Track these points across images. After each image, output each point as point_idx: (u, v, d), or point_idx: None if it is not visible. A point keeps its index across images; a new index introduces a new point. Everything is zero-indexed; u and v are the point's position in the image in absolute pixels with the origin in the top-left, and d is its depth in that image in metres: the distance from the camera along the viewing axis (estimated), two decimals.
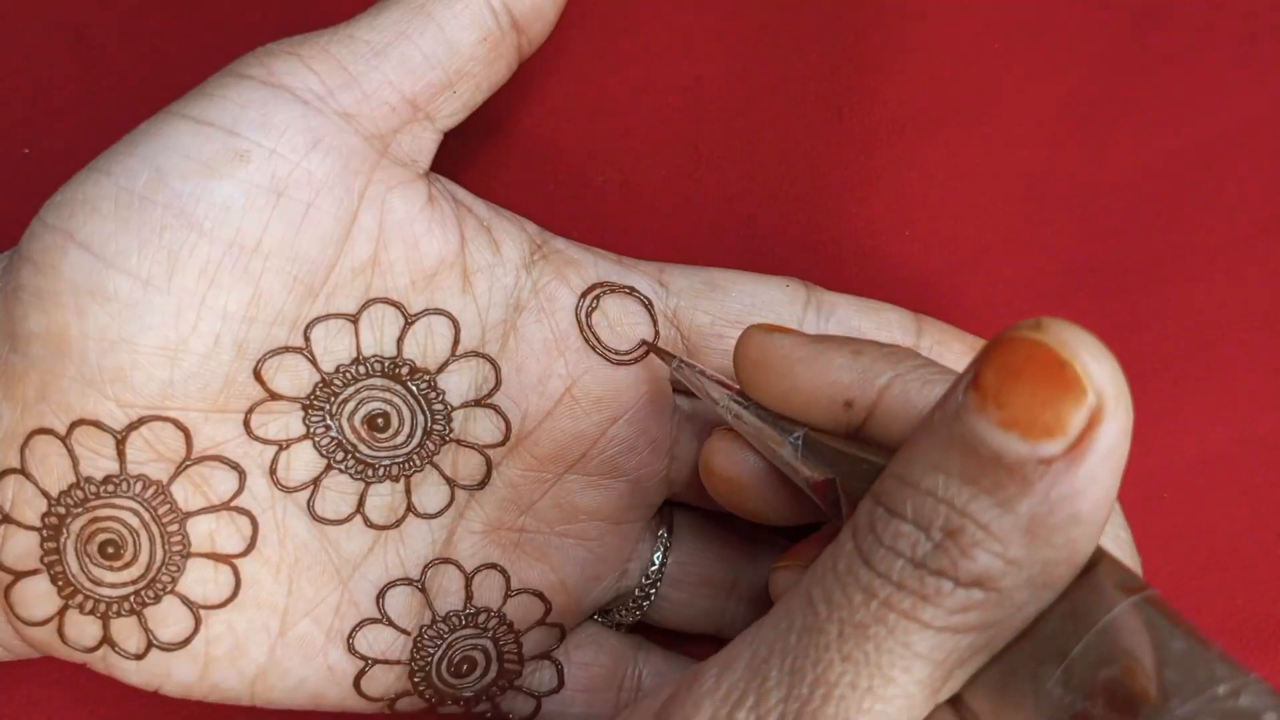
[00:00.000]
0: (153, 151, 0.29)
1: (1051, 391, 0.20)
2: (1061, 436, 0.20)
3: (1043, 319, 0.21)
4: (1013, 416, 0.20)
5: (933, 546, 0.22)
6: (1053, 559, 0.21)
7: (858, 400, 0.26)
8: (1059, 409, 0.20)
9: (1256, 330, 0.39)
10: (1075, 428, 0.20)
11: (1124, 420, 0.20)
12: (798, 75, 0.40)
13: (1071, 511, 0.21)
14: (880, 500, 0.23)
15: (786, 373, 0.28)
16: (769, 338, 0.28)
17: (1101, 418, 0.20)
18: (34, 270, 0.29)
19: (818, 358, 0.27)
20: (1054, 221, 0.40)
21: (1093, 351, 0.20)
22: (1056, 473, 0.20)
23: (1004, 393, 0.21)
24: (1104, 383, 0.20)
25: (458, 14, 0.31)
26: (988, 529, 0.21)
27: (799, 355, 0.27)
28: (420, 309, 0.32)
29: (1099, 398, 0.20)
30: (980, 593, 0.21)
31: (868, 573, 0.22)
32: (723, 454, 0.30)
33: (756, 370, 0.28)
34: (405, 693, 0.33)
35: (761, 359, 0.28)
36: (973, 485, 0.21)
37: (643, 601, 0.35)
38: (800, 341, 0.28)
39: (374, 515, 0.32)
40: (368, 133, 0.31)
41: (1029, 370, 0.20)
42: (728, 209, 0.39)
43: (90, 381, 0.29)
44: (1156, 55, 0.40)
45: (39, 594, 0.29)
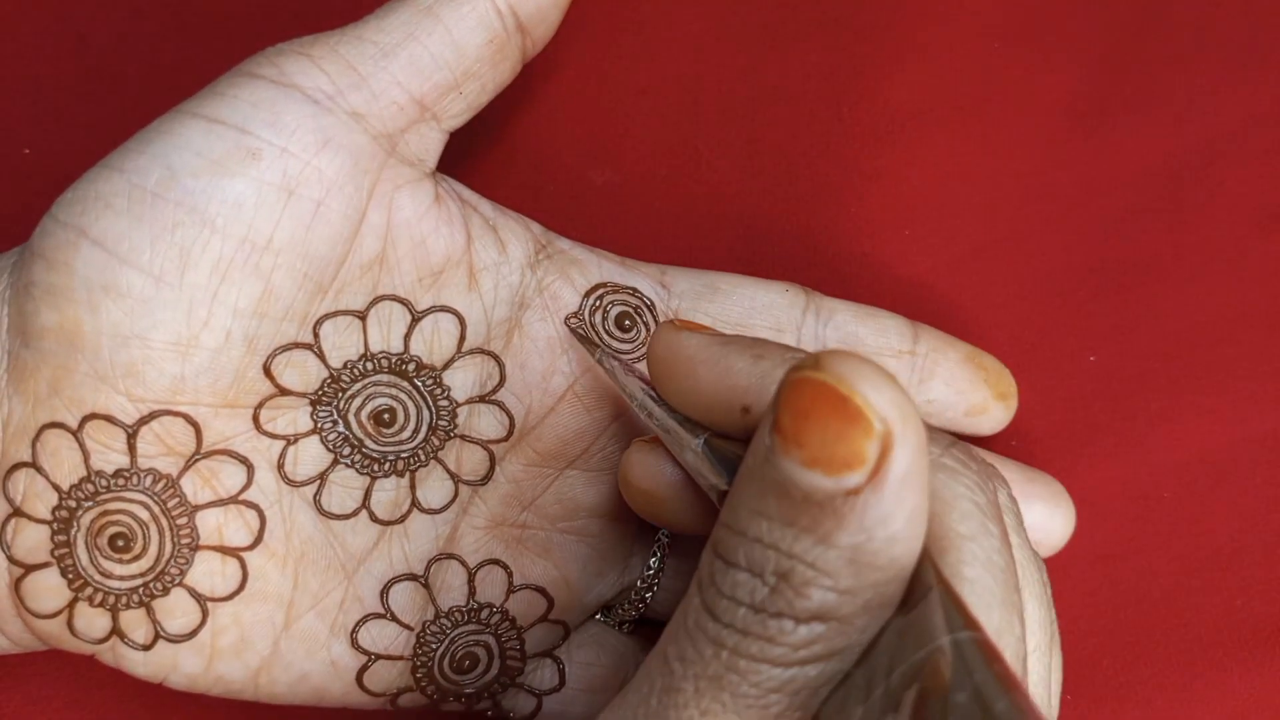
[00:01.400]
0: (165, 149, 0.30)
1: (841, 426, 0.21)
2: (860, 467, 0.21)
3: (821, 355, 0.22)
4: (813, 455, 0.21)
5: (769, 591, 0.23)
6: (881, 579, 0.22)
7: (754, 405, 0.27)
8: (851, 442, 0.21)
9: (1256, 330, 0.40)
10: (871, 456, 0.21)
11: (915, 440, 0.21)
12: (798, 74, 0.41)
13: (887, 534, 0.22)
14: (717, 551, 0.24)
15: (690, 372, 0.28)
16: (677, 335, 0.28)
17: (892, 442, 0.21)
18: (46, 266, 0.30)
19: (720, 360, 0.27)
20: (1053, 221, 0.40)
21: (871, 382, 0.21)
22: (864, 501, 0.21)
23: (800, 433, 0.22)
24: (887, 409, 0.21)
25: (464, 16, 0.32)
26: (815, 566, 0.22)
27: (703, 356, 0.28)
28: (427, 306, 0.33)
29: (885, 424, 0.21)
30: (821, 625, 0.23)
31: (714, 625, 0.23)
32: (639, 465, 0.31)
33: (663, 368, 0.29)
34: (407, 688, 0.33)
35: (668, 356, 0.29)
36: (793, 526, 0.22)
37: (645, 595, 0.36)
38: (707, 341, 0.28)
39: (379, 510, 0.33)
40: (376, 132, 0.32)
41: (817, 409, 0.21)
42: (728, 209, 0.40)
43: (102, 376, 0.29)
44: (1156, 55, 0.41)
45: (49, 587, 0.30)
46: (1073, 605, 0.39)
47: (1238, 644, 0.38)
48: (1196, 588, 0.39)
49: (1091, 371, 0.40)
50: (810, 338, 0.35)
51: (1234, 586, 0.39)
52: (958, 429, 0.36)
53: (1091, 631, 0.39)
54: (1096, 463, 0.39)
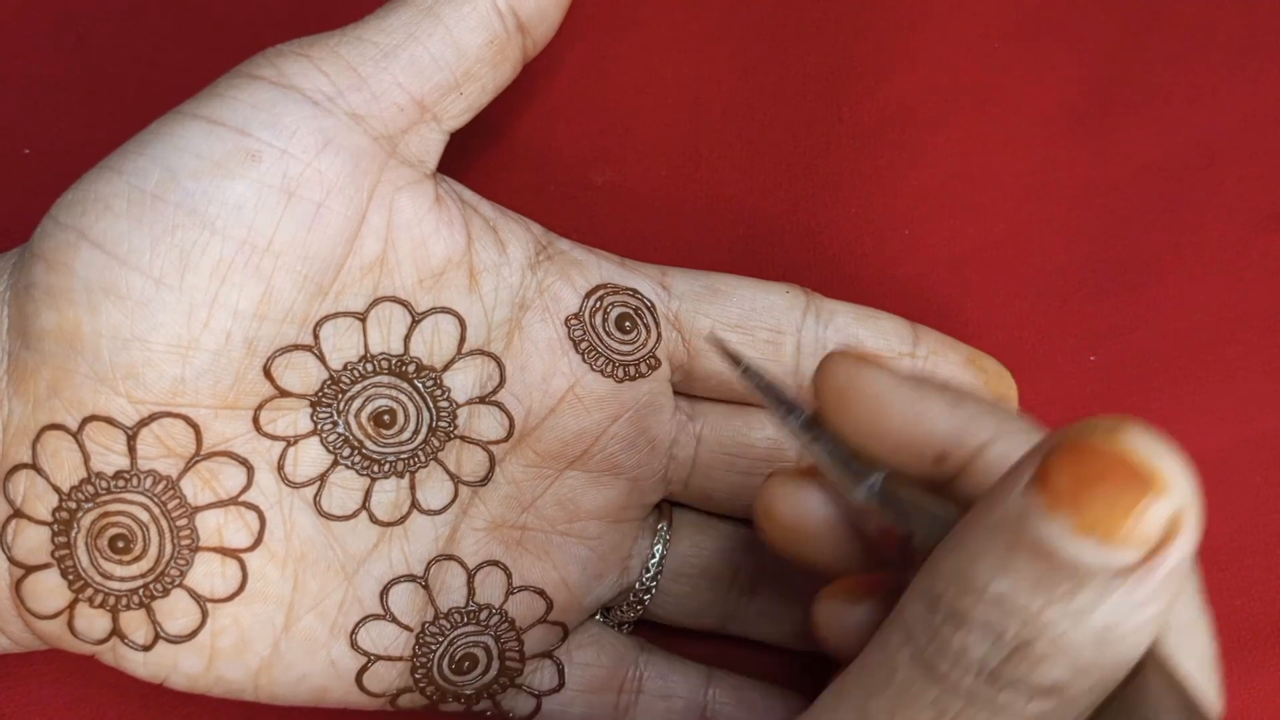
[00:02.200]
0: (165, 151, 0.30)
1: (1135, 500, 0.20)
2: (1141, 545, 0.20)
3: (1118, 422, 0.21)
4: (1090, 523, 0.20)
5: (1004, 657, 0.21)
6: (1120, 662, 0.21)
7: (952, 454, 0.26)
8: (1142, 518, 0.20)
9: (1256, 330, 0.40)
10: (1155, 536, 0.20)
11: (1195, 532, 0.20)
12: (798, 75, 0.41)
13: (1143, 620, 0.21)
14: (940, 605, 0.22)
15: (875, 410, 0.26)
16: (860, 370, 0.27)
17: (1180, 528, 0.20)
18: (46, 268, 0.30)
19: (915, 401, 0.26)
20: (1054, 221, 0.40)
21: (1175, 461, 0.20)
22: (1133, 582, 0.20)
23: (1081, 498, 0.20)
24: (1184, 493, 0.20)
25: (465, 16, 0.32)
26: (1060, 640, 0.21)
27: (894, 396, 0.26)
28: (427, 308, 0.33)
29: (1178, 507, 0.20)
30: (1048, 703, 0.21)
31: (934, 686, 0.22)
32: (786, 499, 0.29)
33: (843, 400, 0.27)
34: (407, 689, 0.34)
35: (851, 389, 0.27)
36: (1045, 593, 0.21)
37: (644, 596, 0.36)
38: (896, 380, 0.27)
39: (379, 512, 0.33)
40: (376, 133, 0.32)
41: (1109, 477, 0.20)
42: (728, 209, 0.40)
43: (102, 378, 0.30)
44: (1156, 55, 0.41)
45: (49, 588, 0.30)
46: None
47: (1238, 644, 0.38)
48: None
49: (1091, 371, 0.40)
50: (810, 339, 0.35)
51: (1234, 586, 0.39)
52: None
53: None
54: None
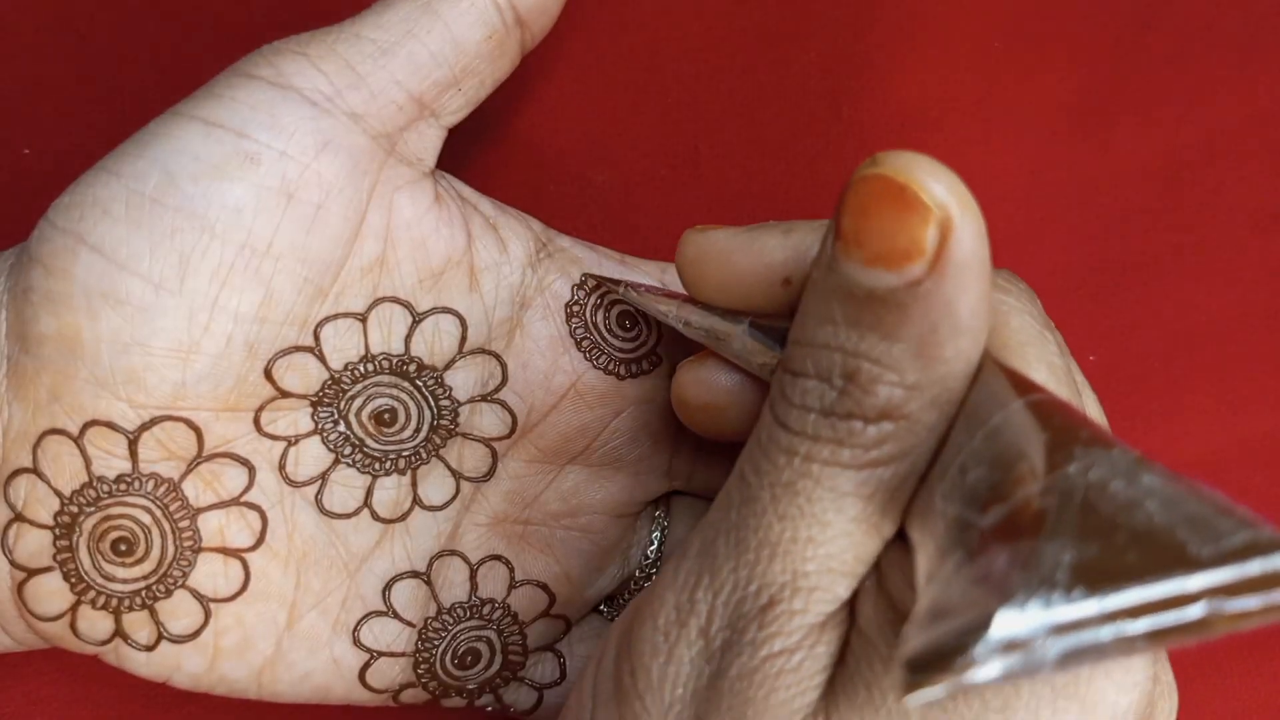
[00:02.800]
0: (163, 154, 0.30)
1: (899, 218, 0.21)
2: (921, 258, 0.21)
3: (878, 154, 0.22)
4: (874, 252, 0.21)
5: (837, 394, 0.23)
6: (948, 373, 0.22)
7: (794, 276, 0.27)
8: (910, 231, 0.21)
9: (1256, 330, 0.40)
10: (931, 245, 0.21)
11: (974, 225, 0.21)
12: (798, 75, 0.41)
13: (951, 324, 0.22)
14: (785, 366, 0.24)
15: (724, 262, 0.28)
16: (705, 234, 0.29)
17: (951, 228, 0.21)
18: (45, 273, 0.30)
19: (753, 243, 0.28)
20: (1053, 221, 0.41)
21: (928, 170, 0.21)
22: (926, 292, 0.21)
23: (861, 232, 0.22)
24: (944, 196, 0.21)
25: (463, 12, 0.32)
26: (880, 362, 0.22)
27: (734, 244, 0.28)
28: (428, 307, 0.33)
29: (943, 210, 0.21)
30: (890, 424, 0.23)
31: (785, 434, 0.23)
32: (693, 382, 0.31)
33: (696, 266, 0.29)
34: (410, 685, 0.34)
35: (699, 254, 0.29)
36: (858, 327, 0.22)
37: (644, 583, 0.36)
38: (733, 232, 0.28)
39: (381, 509, 0.33)
40: (375, 132, 0.32)
41: (876, 205, 0.21)
42: (728, 209, 0.40)
43: (103, 383, 0.30)
44: (1156, 55, 0.42)
45: (52, 590, 0.31)
46: None
47: (1238, 644, 0.39)
48: None
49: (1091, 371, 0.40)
50: None
51: None
52: None
53: None
54: None
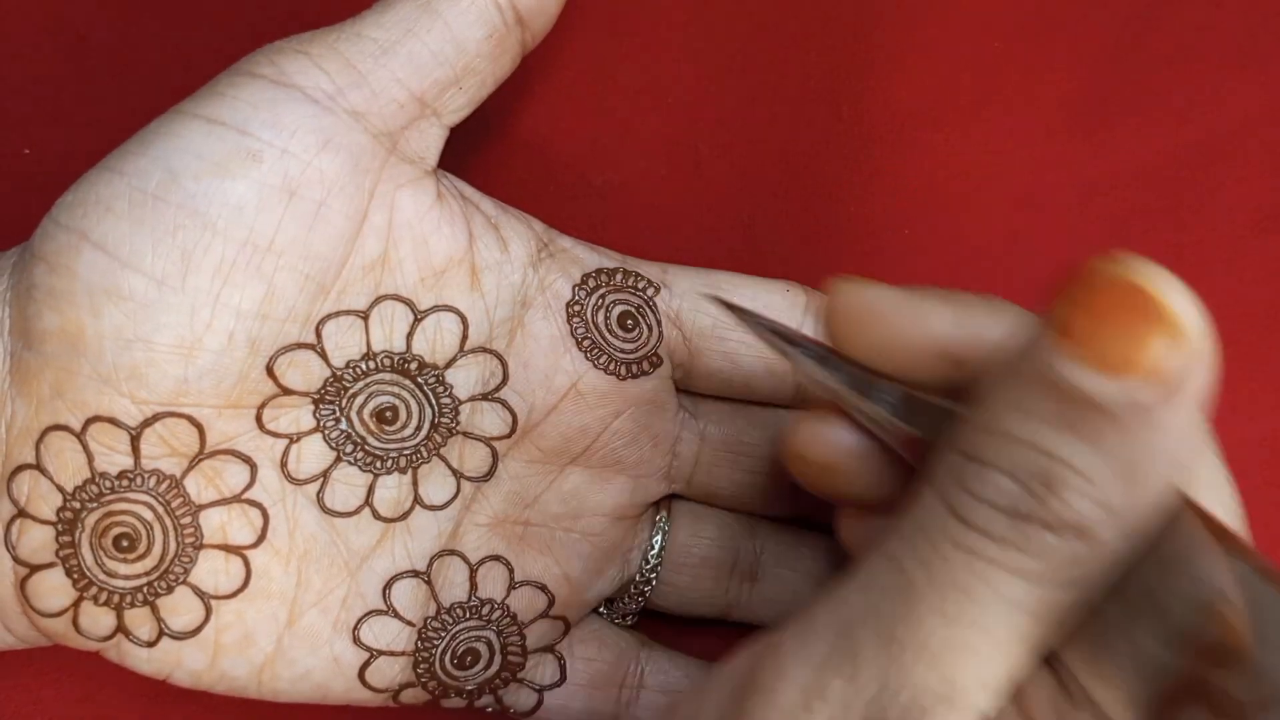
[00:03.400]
0: (165, 152, 0.30)
1: (1144, 330, 0.20)
2: (1157, 379, 0.20)
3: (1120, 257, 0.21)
4: (1104, 357, 0.20)
5: (1029, 495, 0.21)
6: (1146, 504, 0.21)
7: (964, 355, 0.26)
8: (1154, 351, 0.20)
9: (1256, 330, 0.40)
10: (1169, 368, 0.20)
11: (1210, 358, 0.20)
12: (797, 75, 0.41)
13: (1165, 453, 0.21)
14: (967, 452, 0.22)
15: (882, 323, 0.27)
16: (861, 288, 0.27)
17: (1196, 360, 0.20)
18: (48, 269, 0.30)
19: (913, 307, 0.26)
20: (1053, 221, 0.41)
21: (1180, 290, 0.20)
22: (1151, 413, 0.20)
23: (1096, 334, 0.20)
24: (1193, 321, 0.20)
25: (464, 10, 0.32)
26: (1084, 474, 0.21)
27: (893, 306, 0.27)
28: (429, 305, 0.33)
29: (1195, 340, 0.20)
30: (1078, 542, 0.21)
31: (961, 529, 0.22)
32: (813, 438, 0.30)
33: (850, 322, 0.27)
34: (409, 684, 0.34)
35: (854, 309, 0.27)
36: (1067, 430, 0.21)
37: (644, 588, 0.36)
38: (891, 292, 0.27)
39: (382, 508, 0.33)
40: (377, 130, 0.32)
41: (1118, 309, 0.20)
42: (728, 209, 0.41)
43: (106, 379, 0.30)
44: (1156, 55, 0.42)
45: (54, 586, 0.31)
46: None
47: None
48: None
49: None
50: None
51: None
52: None
53: None
54: None
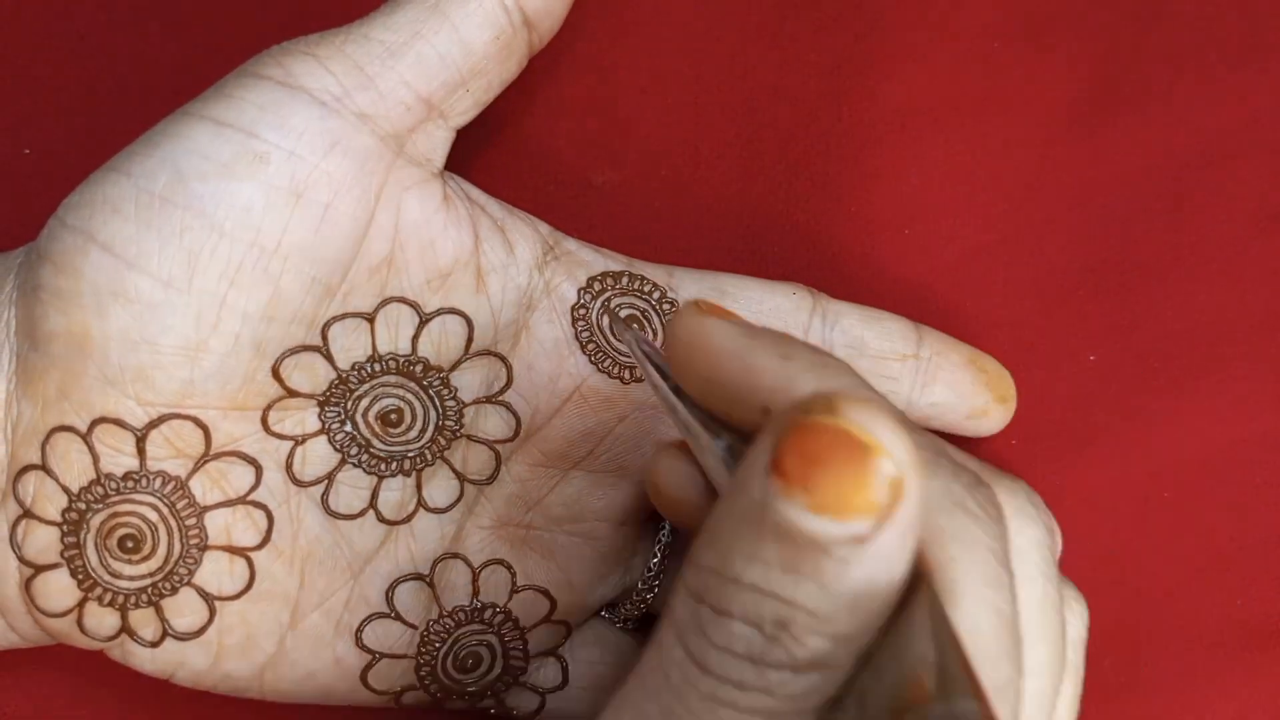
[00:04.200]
0: (172, 153, 0.30)
1: (856, 474, 0.21)
2: (872, 515, 0.21)
3: (833, 398, 0.21)
4: (822, 501, 0.21)
5: (767, 641, 0.22)
6: (875, 624, 0.22)
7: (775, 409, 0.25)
8: (866, 489, 0.21)
9: (1256, 330, 0.40)
10: (882, 504, 0.21)
11: (920, 489, 0.21)
12: (798, 74, 0.41)
13: (889, 579, 0.22)
14: (704, 599, 0.23)
15: (712, 364, 0.26)
16: (702, 321, 0.27)
17: (903, 490, 0.21)
18: (54, 270, 0.30)
19: (746, 354, 0.26)
20: (1053, 221, 0.41)
21: (889, 429, 0.21)
22: (872, 549, 0.21)
23: (810, 478, 0.21)
24: (902, 457, 0.21)
25: (471, 13, 0.32)
26: (816, 614, 0.22)
27: (728, 347, 0.26)
28: (435, 308, 0.33)
29: (899, 471, 0.21)
30: (818, 675, 0.22)
31: (706, 679, 0.23)
32: (668, 472, 0.31)
33: (684, 354, 0.27)
34: (411, 687, 0.34)
35: (690, 342, 0.27)
36: (794, 573, 0.22)
37: (646, 594, 0.36)
38: (734, 332, 0.26)
39: (386, 510, 0.34)
40: (384, 133, 0.32)
41: (831, 455, 0.21)
42: (728, 209, 0.41)
43: (111, 381, 0.30)
44: (1156, 55, 0.42)
45: (59, 587, 0.31)
46: None
47: (1238, 644, 0.39)
48: (1196, 588, 0.39)
49: (1091, 371, 0.40)
50: (816, 341, 0.36)
51: (1234, 586, 0.39)
52: (958, 431, 0.37)
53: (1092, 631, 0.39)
54: (1096, 463, 0.40)
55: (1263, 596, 0.39)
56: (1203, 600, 0.40)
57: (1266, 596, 0.39)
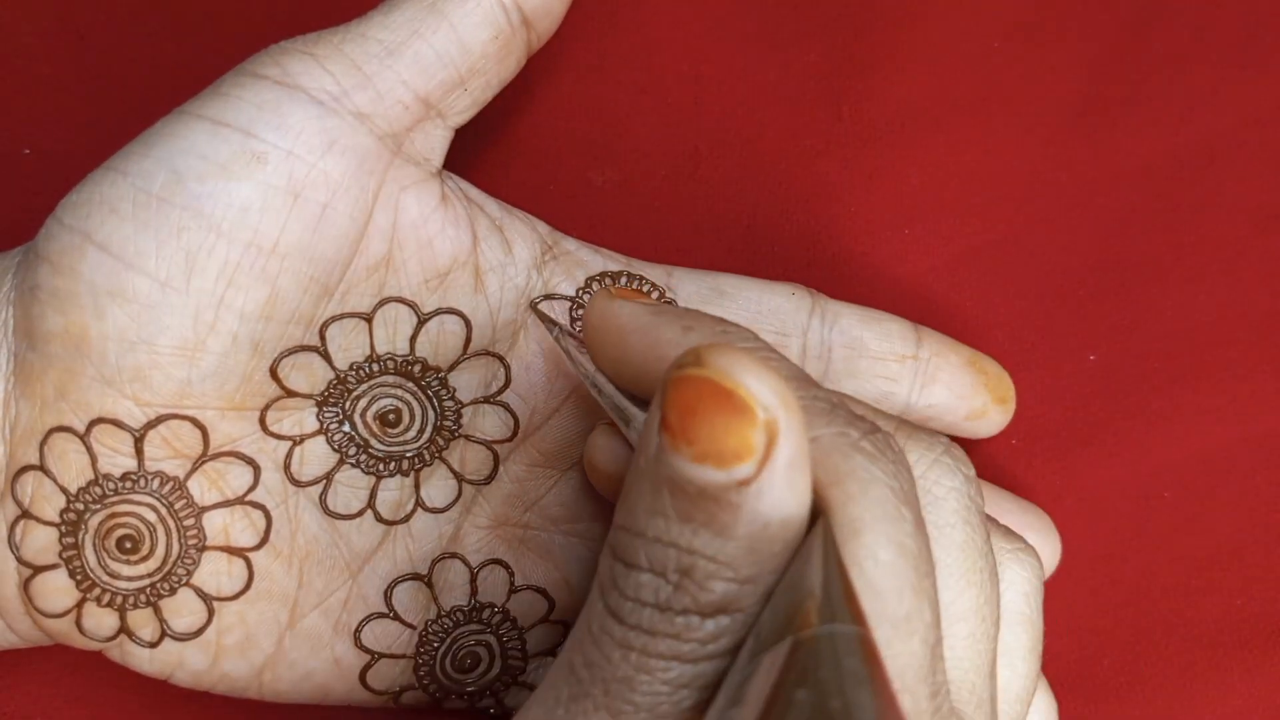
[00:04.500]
0: (169, 153, 0.30)
1: (727, 420, 0.22)
2: (750, 458, 0.22)
3: (702, 350, 0.22)
4: (703, 450, 0.22)
5: (673, 589, 0.23)
6: (778, 565, 0.23)
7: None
8: (738, 434, 0.22)
9: (1256, 330, 0.41)
10: (759, 446, 0.22)
11: (797, 425, 0.22)
12: (798, 75, 0.41)
13: (781, 519, 0.23)
14: (616, 554, 0.24)
15: (620, 341, 0.28)
16: (611, 303, 0.29)
17: (777, 430, 0.22)
18: (52, 270, 0.30)
19: (651, 330, 0.28)
20: (1054, 221, 0.41)
21: (753, 373, 0.22)
22: (756, 490, 0.22)
23: (689, 429, 0.22)
24: (769, 399, 0.22)
25: (469, 12, 0.32)
26: (715, 559, 0.23)
27: (634, 325, 0.28)
28: (433, 308, 0.33)
29: (769, 413, 0.22)
30: (725, 618, 0.23)
31: (620, 627, 0.24)
32: (601, 449, 0.32)
33: (597, 336, 0.29)
34: (410, 687, 0.34)
35: (601, 323, 0.29)
36: (690, 521, 0.23)
37: None
38: (639, 310, 0.28)
39: (384, 510, 0.34)
40: (382, 132, 0.32)
41: (703, 404, 0.22)
42: (728, 209, 0.41)
43: (109, 381, 0.30)
44: (1156, 55, 0.42)
45: (58, 587, 0.31)
46: (1073, 605, 0.39)
47: (1238, 644, 0.39)
48: (1196, 588, 0.40)
49: (1091, 371, 0.40)
50: (816, 341, 0.36)
51: (1234, 586, 0.40)
52: (958, 432, 0.37)
53: (1092, 631, 0.39)
54: (1096, 463, 0.40)
55: (1263, 596, 0.40)
56: (1202, 600, 0.40)
57: (1266, 596, 0.40)
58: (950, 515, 0.28)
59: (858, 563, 0.24)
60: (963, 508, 0.29)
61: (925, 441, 0.29)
